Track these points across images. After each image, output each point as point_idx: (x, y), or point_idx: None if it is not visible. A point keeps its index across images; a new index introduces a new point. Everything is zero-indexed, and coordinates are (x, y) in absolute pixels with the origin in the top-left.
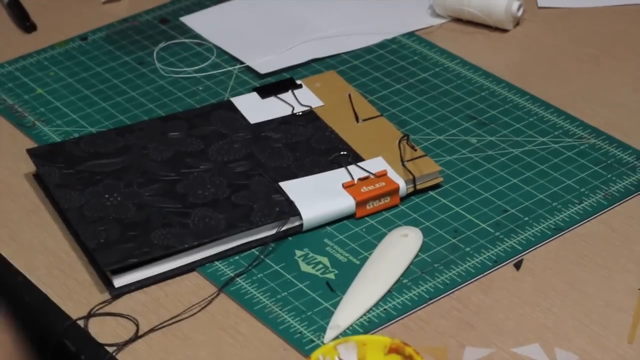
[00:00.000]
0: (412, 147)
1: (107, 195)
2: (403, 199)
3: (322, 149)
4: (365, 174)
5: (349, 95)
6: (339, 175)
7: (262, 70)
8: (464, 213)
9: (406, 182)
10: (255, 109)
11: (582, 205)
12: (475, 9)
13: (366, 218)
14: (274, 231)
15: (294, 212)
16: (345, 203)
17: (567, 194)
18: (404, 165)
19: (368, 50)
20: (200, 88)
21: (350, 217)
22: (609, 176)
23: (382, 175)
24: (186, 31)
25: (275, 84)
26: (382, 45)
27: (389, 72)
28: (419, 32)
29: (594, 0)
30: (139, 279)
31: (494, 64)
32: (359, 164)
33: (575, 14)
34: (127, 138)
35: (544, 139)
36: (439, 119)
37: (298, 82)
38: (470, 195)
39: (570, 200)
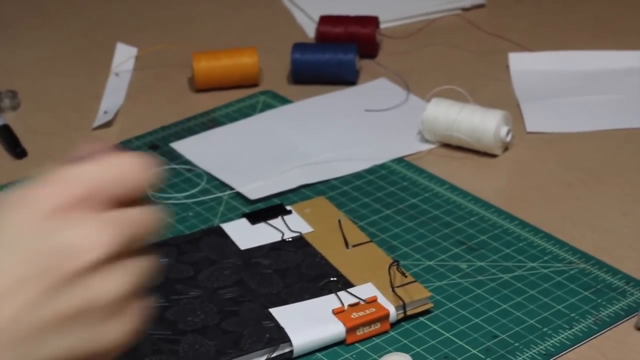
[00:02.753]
0: (402, 273)
1: None
2: (393, 324)
3: (312, 275)
4: (355, 300)
5: (339, 220)
6: (329, 302)
7: (252, 196)
8: (454, 339)
9: (396, 307)
10: (245, 234)
11: (573, 330)
12: (464, 135)
13: (357, 344)
14: (264, 358)
15: (284, 338)
16: (336, 329)
17: (557, 319)
18: (394, 291)
19: (357, 175)
20: (191, 214)
21: (341, 343)
22: (599, 301)
23: (372, 301)
24: (176, 157)
25: (264, 210)
26: (371, 170)
27: (379, 197)
28: (408, 158)
29: (582, 125)
30: None
31: (483, 189)
32: (349, 290)
33: (564, 139)
34: None
35: (534, 264)
36: (428, 244)
37: (288, 208)
38: (461, 321)
39: (560, 325)
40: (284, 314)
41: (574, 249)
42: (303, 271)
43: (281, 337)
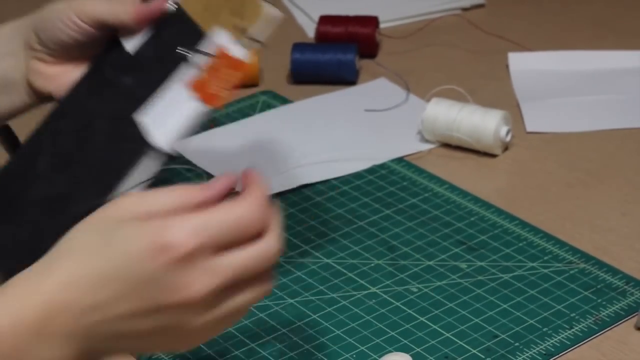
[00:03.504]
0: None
1: None
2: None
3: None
4: (205, 61)
5: None
6: (189, 75)
7: None
8: (454, 339)
9: (242, 42)
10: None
11: (573, 330)
12: (463, 135)
13: (356, 344)
14: (142, 178)
15: (146, 147)
16: (192, 106)
17: (557, 319)
18: (239, 28)
19: (357, 175)
20: None
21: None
22: (599, 301)
23: (221, 53)
24: (176, 157)
25: None
26: (371, 170)
27: (379, 197)
28: (408, 158)
29: (582, 125)
30: None
31: (483, 189)
32: (200, 48)
33: (564, 139)
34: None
35: (534, 264)
36: (428, 244)
37: None
38: (461, 321)
39: (560, 325)
40: (151, 117)
41: (574, 249)
42: (176, 47)
43: (143, 148)
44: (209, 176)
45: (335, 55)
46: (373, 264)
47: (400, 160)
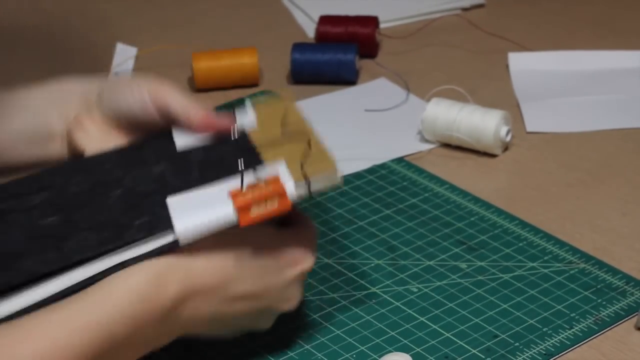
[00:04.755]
0: (318, 147)
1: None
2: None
3: (232, 161)
4: (256, 181)
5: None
6: (231, 184)
7: None
8: (454, 339)
9: (297, 184)
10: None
11: (573, 330)
12: (463, 135)
13: (356, 344)
14: (148, 248)
15: (166, 225)
16: (224, 210)
17: (557, 319)
18: (301, 168)
19: (357, 175)
20: None
21: (235, 227)
22: (599, 301)
23: (274, 180)
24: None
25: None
26: (371, 170)
27: (379, 197)
28: (408, 158)
29: (582, 125)
30: None
31: (483, 189)
32: (256, 168)
33: (564, 139)
34: (45, 178)
35: (534, 264)
36: (428, 244)
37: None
38: (461, 321)
39: (560, 325)
40: (180, 202)
41: (574, 249)
42: (226, 161)
43: (163, 224)
44: None
45: (335, 55)
46: (373, 264)
47: (400, 160)
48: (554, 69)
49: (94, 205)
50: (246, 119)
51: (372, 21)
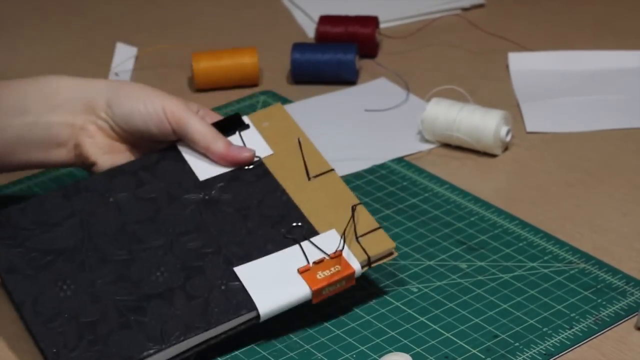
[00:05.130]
0: (365, 217)
1: (60, 283)
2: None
3: (275, 216)
4: (320, 256)
5: (299, 140)
6: (293, 256)
7: None
8: (454, 339)
9: (361, 262)
10: (202, 158)
11: (573, 330)
12: (463, 135)
13: (357, 344)
14: (232, 326)
15: (251, 306)
16: (302, 292)
17: (557, 319)
18: (358, 241)
19: (357, 175)
20: None
21: (308, 304)
22: (599, 301)
23: (337, 256)
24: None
25: (220, 123)
26: (371, 170)
27: (379, 197)
28: (408, 158)
29: (582, 125)
30: None
31: (483, 189)
32: (313, 240)
33: (563, 139)
34: (74, 202)
35: (534, 264)
36: (428, 244)
37: (245, 118)
38: (461, 321)
39: (560, 325)
40: (248, 273)
41: (574, 249)
42: (265, 211)
43: (248, 304)
44: None
45: (335, 55)
46: None
47: (400, 160)
48: (554, 69)
49: (143, 258)
50: (254, 141)
51: (372, 21)
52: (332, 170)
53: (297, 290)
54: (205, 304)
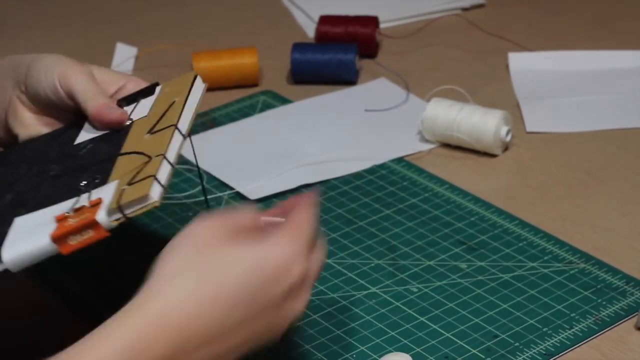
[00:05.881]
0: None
1: None
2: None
3: (86, 171)
4: (83, 204)
5: (173, 103)
6: (67, 207)
7: (252, 196)
8: (454, 339)
9: (110, 210)
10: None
11: (573, 330)
12: (463, 135)
13: (357, 344)
14: None
15: None
16: (42, 240)
17: (557, 319)
18: (123, 190)
19: (357, 175)
20: (191, 214)
21: (57, 256)
22: (599, 301)
23: (96, 204)
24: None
25: (139, 92)
26: (371, 170)
27: (379, 197)
28: (408, 158)
29: (582, 125)
30: None
31: (483, 189)
32: (94, 191)
33: (564, 139)
34: None
35: (534, 263)
36: (428, 244)
37: (160, 87)
38: (461, 321)
39: (560, 325)
40: (22, 224)
41: (574, 249)
42: (87, 166)
43: None
44: (209, 176)
45: (335, 55)
46: (373, 264)
47: (400, 160)
48: (554, 69)
49: None
50: (146, 106)
51: (372, 21)
52: (173, 125)
53: (39, 239)
54: None
